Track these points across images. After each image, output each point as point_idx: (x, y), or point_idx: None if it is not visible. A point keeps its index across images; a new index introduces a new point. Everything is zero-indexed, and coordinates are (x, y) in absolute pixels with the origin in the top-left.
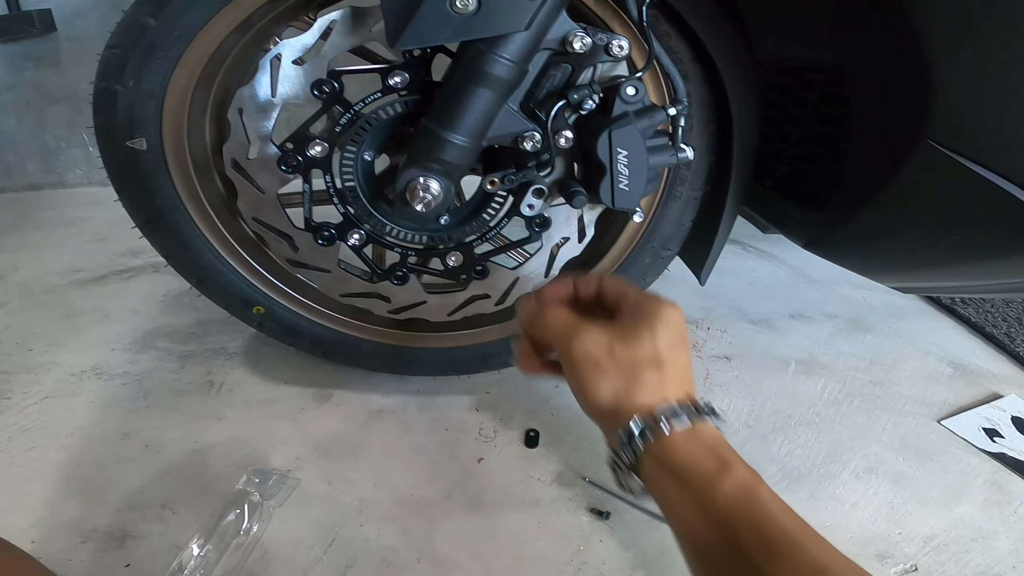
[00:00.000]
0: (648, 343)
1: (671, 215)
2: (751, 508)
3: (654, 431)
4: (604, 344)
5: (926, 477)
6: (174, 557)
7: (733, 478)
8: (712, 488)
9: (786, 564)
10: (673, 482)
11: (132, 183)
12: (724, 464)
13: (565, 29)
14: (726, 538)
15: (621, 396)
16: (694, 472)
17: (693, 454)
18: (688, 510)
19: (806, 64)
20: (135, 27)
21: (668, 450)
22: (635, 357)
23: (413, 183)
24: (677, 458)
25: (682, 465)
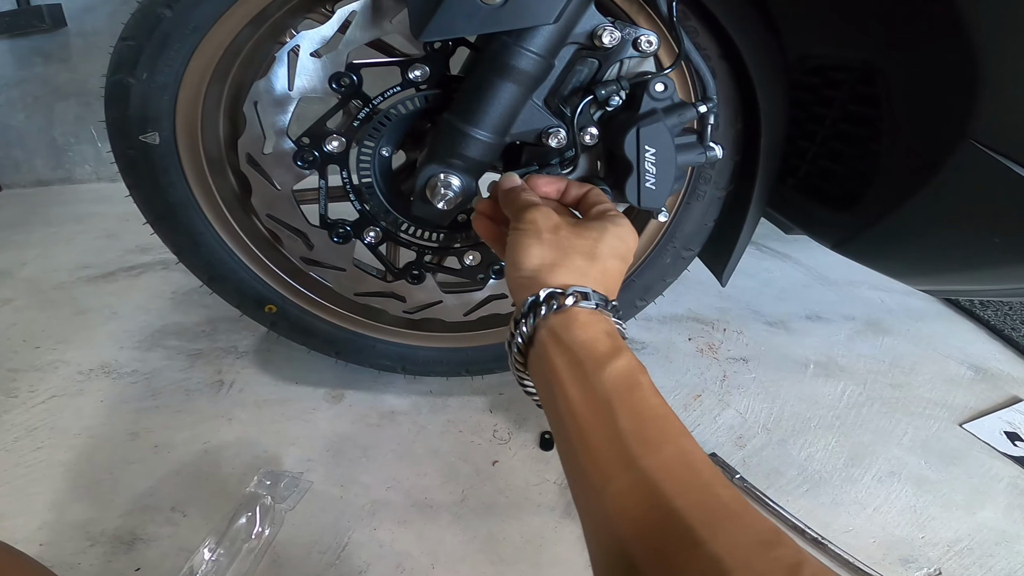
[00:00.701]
0: (592, 238)
1: (694, 215)
2: (632, 392)
3: (560, 303)
4: (553, 221)
5: (949, 481)
6: (185, 561)
7: (620, 362)
8: (600, 368)
9: (658, 453)
10: (563, 356)
11: (144, 178)
12: (617, 348)
13: (593, 23)
14: (606, 418)
15: (545, 266)
16: (586, 350)
17: (590, 333)
18: (573, 387)
19: (835, 63)
20: (150, 18)
21: (568, 324)
22: (574, 242)
23: (434, 179)
24: (574, 332)
25: (577, 340)
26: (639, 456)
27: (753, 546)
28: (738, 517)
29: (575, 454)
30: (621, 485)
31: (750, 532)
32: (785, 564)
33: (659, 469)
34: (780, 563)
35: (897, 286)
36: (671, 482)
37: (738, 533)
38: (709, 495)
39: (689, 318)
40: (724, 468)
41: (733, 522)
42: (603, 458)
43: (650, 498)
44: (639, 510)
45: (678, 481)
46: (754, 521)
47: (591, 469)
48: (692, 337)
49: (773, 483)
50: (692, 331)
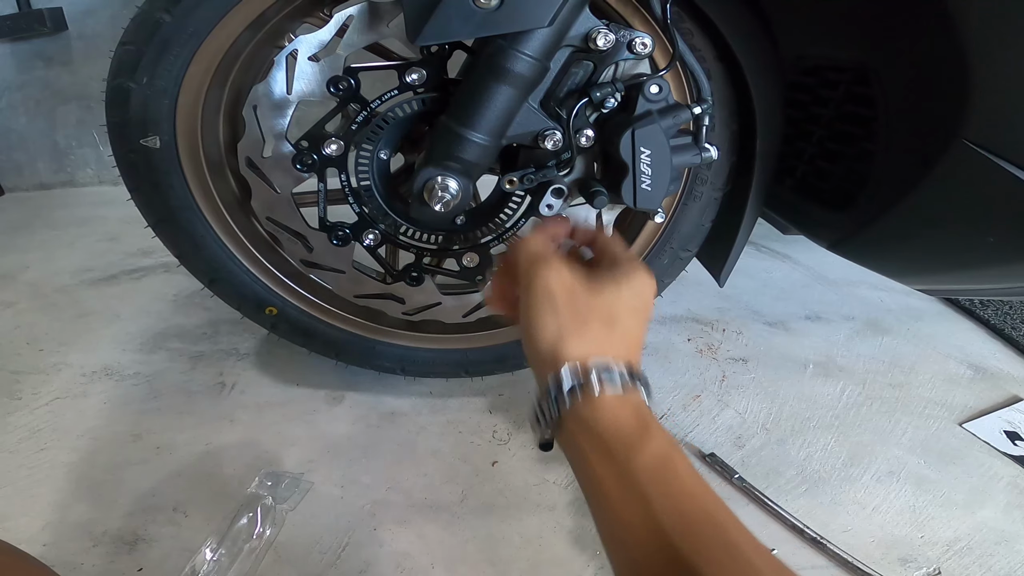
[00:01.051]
0: (609, 298)
1: (691, 216)
2: (667, 478)
3: (583, 387)
4: (566, 282)
5: (948, 480)
6: (186, 561)
7: (652, 445)
8: (631, 455)
9: (696, 540)
10: (593, 444)
11: (144, 182)
12: (645, 430)
13: (588, 26)
14: (641, 506)
15: (563, 339)
16: (616, 437)
17: (618, 416)
18: (606, 475)
19: (830, 63)
20: (149, 23)
21: (594, 410)
22: (591, 305)
23: (431, 182)
24: (601, 420)
25: (605, 428)
26: (687, 554)
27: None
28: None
29: (614, 536)
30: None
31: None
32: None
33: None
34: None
35: (896, 286)
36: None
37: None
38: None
39: (688, 319)
40: (723, 468)
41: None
42: (642, 546)
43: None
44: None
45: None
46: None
47: (629, 554)
48: (691, 338)
49: (772, 483)
50: (691, 331)
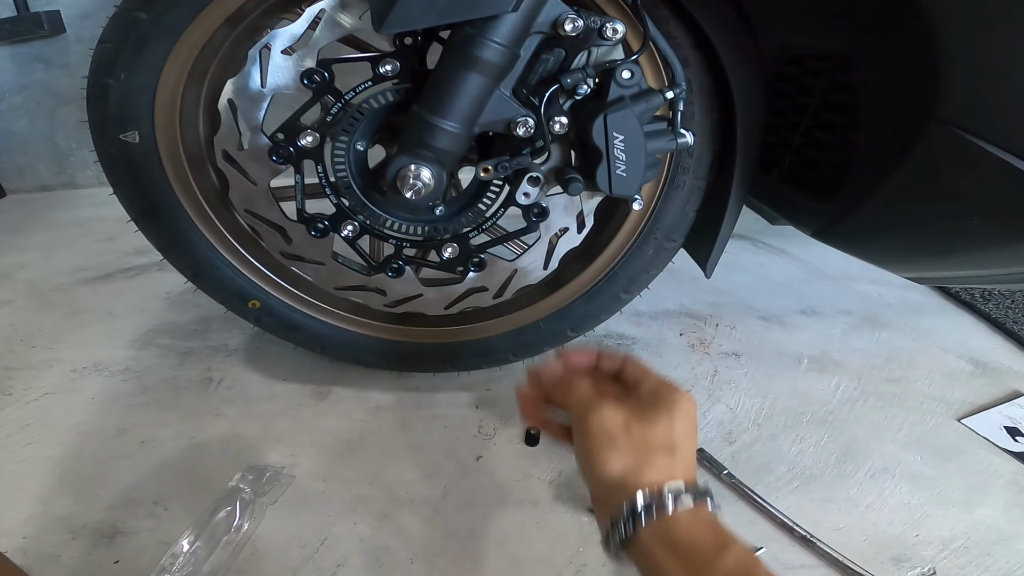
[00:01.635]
0: (665, 427)
1: (674, 205)
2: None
3: (659, 507)
4: (622, 421)
5: (945, 477)
6: (164, 554)
7: (732, 556)
8: (712, 565)
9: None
10: (673, 558)
11: (126, 176)
12: (723, 542)
13: (556, 11)
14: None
15: (630, 472)
16: (695, 549)
17: (694, 532)
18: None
19: (812, 52)
20: (126, 21)
21: (671, 527)
22: (650, 438)
23: (404, 171)
24: (679, 535)
25: (683, 541)
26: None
27: None
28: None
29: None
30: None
31: None
32: None
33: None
34: None
35: (895, 280)
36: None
37: None
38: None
39: (681, 313)
40: (711, 463)
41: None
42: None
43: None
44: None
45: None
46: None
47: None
48: (684, 332)
49: (762, 479)
50: (684, 326)
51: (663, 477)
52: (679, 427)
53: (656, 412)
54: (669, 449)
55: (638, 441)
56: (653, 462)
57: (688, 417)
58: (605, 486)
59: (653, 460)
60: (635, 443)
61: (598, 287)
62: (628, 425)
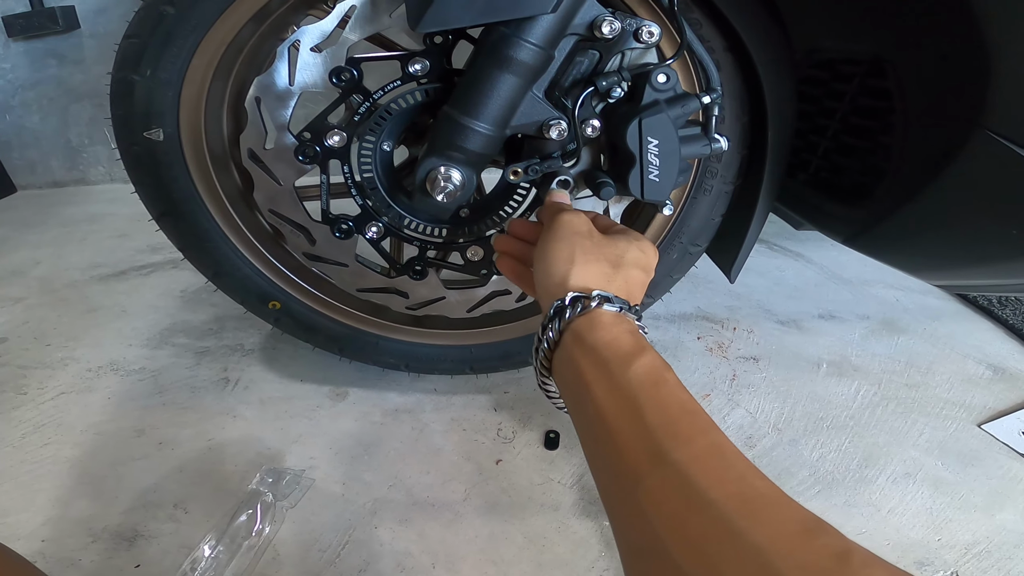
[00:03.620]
0: (621, 246)
1: (701, 209)
2: (659, 388)
3: (584, 305)
4: (586, 227)
5: (967, 482)
6: (185, 558)
7: (645, 360)
8: (625, 366)
9: (689, 446)
10: (588, 356)
11: (148, 174)
12: (640, 347)
13: (593, 13)
14: (632, 415)
15: (572, 272)
16: (611, 349)
17: (614, 332)
18: (599, 386)
19: (843, 56)
20: (153, 16)
21: (592, 325)
22: (603, 249)
23: (434, 172)
24: (598, 335)
25: (601, 341)
26: (670, 450)
27: (796, 535)
28: (777, 507)
29: (604, 454)
30: (653, 481)
31: (791, 521)
32: (832, 551)
33: (691, 462)
34: (826, 551)
35: (913, 285)
36: (705, 474)
37: (779, 523)
38: (745, 486)
39: (698, 317)
40: None
41: (773, 511)
42: (633, 455)
43: (684, 491)
44: (674, 504)
45: (712, 473)
46: (795, 511)
47: (621, 467)
48: (701, 336)
49: (784, 484)
50: (701, 330)
51: (599, 284)
52: (633, 252)
53: (617, 235)
54: (615, 263)
55: (593, 247)
56: (596, 269)
57: (644, 253)
58: (547, 283)
59: (597, 267)
60: (590, 248)
61: None
62: (591, 232)
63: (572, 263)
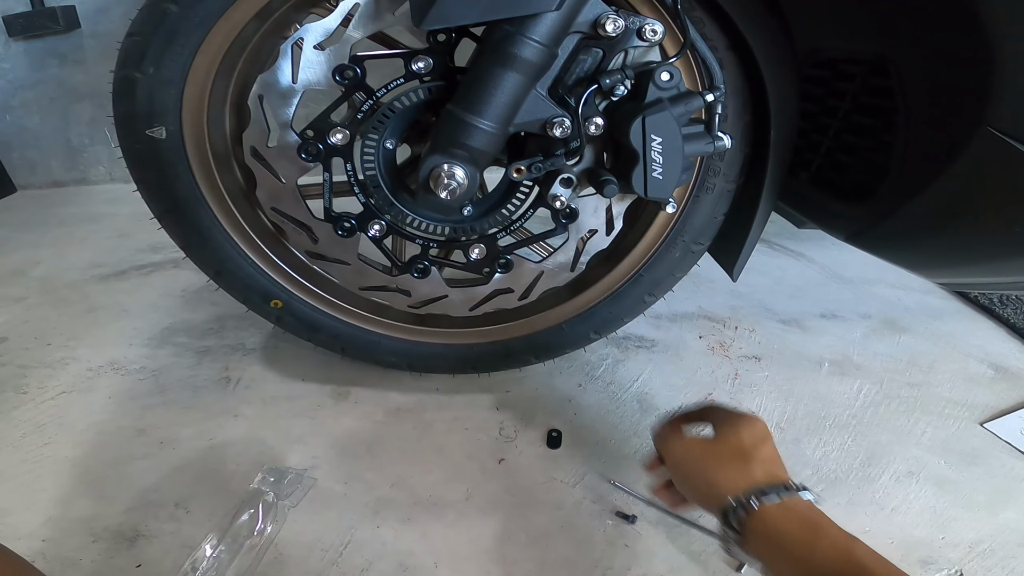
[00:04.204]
0: (733, 441)
1: (703, 208)
2: (849, 563)
3: (746, 508)
4: (698, 447)
5: (970, 481)
6: (186, 558)
7: (827, 540)
8: (810, 551)
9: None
10: (772, 549)
11: (151, 173)
12: (816, 528)
13: (597, 11)
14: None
15: (713, 484)
16: (790, 538)
17: (786, 524)
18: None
19: (845, 55)
20: (156, 13)
21: (764, 522)
22: (723, 453)
23: (437, 170)
24: (772, 528)
25: (777, 534)
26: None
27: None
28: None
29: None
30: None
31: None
32: None
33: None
34: None
35: (914, 284)
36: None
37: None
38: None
39: (700, 316)
40: None
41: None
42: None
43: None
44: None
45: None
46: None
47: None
48: (703, 335)
49: None
50: (703, 329)
51: (744, 483)
52: (747, 437)
53: (725, 433)
54: (741, 456)
55: (714, 458)
56: (729, 471)
57: (752, 427)
58: (704, 503)
59: (729, 470)
60: (712, 461)
61: (623, 289)
62: (704, 449)
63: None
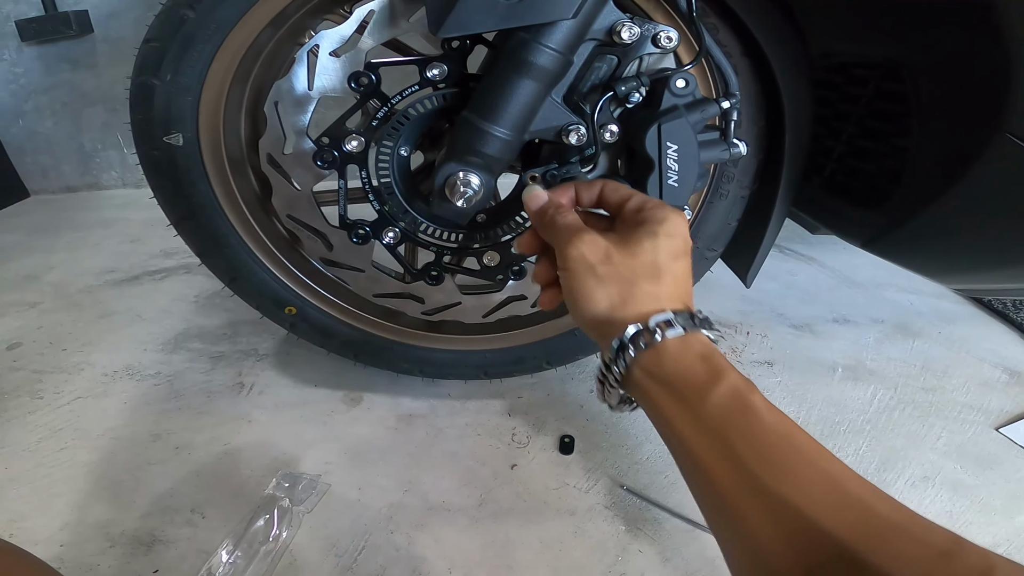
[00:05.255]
0: (648, 252)
1: (717, 214)
2: (746, 416)
3: (647, 341)
4: (602, 250)
5: (986, 486)
6: (203, 563)
7: (724, 386)
8: (703, 397)
9: (793, 478)
10: (664, 392)
11: (167, 180)
12: (716, 372)
13: (612, 19)
14: (722, 448)
15: (616, 306)
16: (685, 381)
17: (685, 363)
18: (680, 421)
19: (858, 60)
20: (174, 19)
21: (660, 360)
22: (633, 266)
23: (453, 178)
24: (668, 368)
25: (673, 374)
26: (772, 484)
27: (930, 560)
28: (905, 531)
29: (700, 487)
30: (760, 519)
31: (922, 545)
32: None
33: (799, 494)
34: (967, 573)
35: (927, 288)
36: (818, 506)
37: (909, 548)
38: (864, 511)
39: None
40: None
41: (900, 537)
42: (732, 493)
43: (796, 526)
44: (787, 542)
45: (826, 504)
46: (926, 532)
47: (719, 502)
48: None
49: None
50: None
51: (650, 308)
52: (664, 249)
53: (639, 235)
54: (654, 274)
55: (621, 271)
56: (638, 293)
57: (674, 236)
58: (594, 326)
59: (638, 290)
60: (618, 274)
61: None
62: (609, 254)
63: (610, 299)
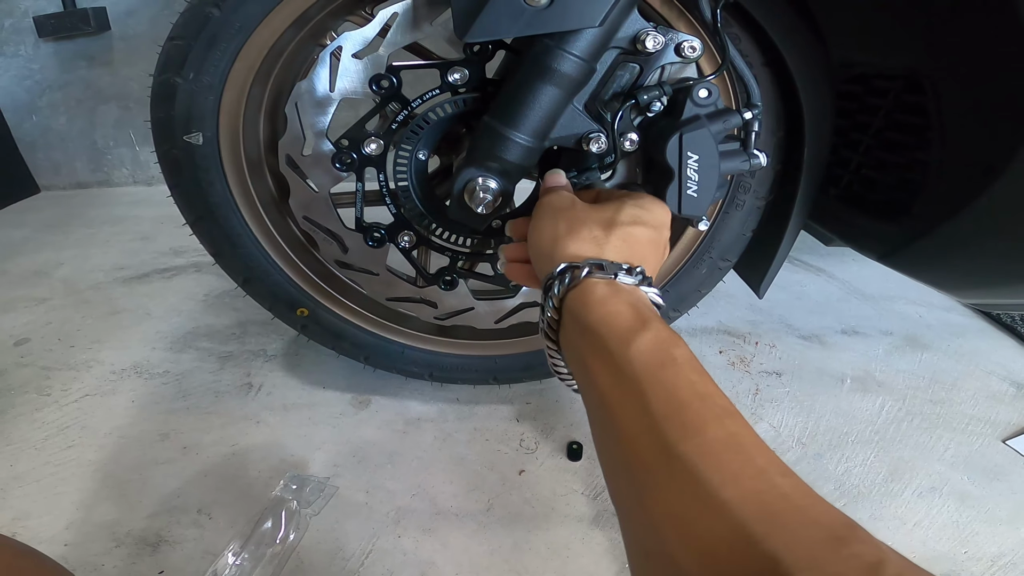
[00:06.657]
0: (610, 210)
1: (732, 225)
2: (665, 369)
3: (573, 275)
4: (569, 200)
5: (993, 497)
6: (209, 565)
7: (647, 336)
8: (625, 345)
9: (699, 437)
10: (587, 338)
11: (186, 179)
12: (643, 320)
13: (636, 27)
14: (635, 402)
15: (559, 238)
16: (609, 328)
17: (611, 308)
18: (599, 369)
19: (878, 71)
20: (199, 17)
21: (586, 302)
22: (589, 213)
23: (472, 183)
24: (595, 314)
25: (598, 321)
26: (677, 441)
27: (821, 543)
28: (801, 510)
29: (609, 445)
30: (659, 477)
31: (816, 527)
32: (862, 563)
33: (702, 455)
34: (856, 562)
35: (936, 301)
36: (717, 470)
37: (801, 528)
38: (765, 483)
39: (720, 331)
40: None
41: (795, 516)
42: (637, 447)
43: (693, 489)
44: (681, 504)
45: (726, 468)
46: (822, 514)
47: (626, 460)
48: (723, 350)
49: None
50: (723, 344)
51: (588, 250)
52: (627, 210)
53: (610, 198)
54: (605, 224)
55: (577, 215)
56: (583, 233)
57: (641, 207)
58: (538, 260)
59: (582, 232)
60: (573, 216)
61: None
62: (573, 203)
63: (557, 237)
